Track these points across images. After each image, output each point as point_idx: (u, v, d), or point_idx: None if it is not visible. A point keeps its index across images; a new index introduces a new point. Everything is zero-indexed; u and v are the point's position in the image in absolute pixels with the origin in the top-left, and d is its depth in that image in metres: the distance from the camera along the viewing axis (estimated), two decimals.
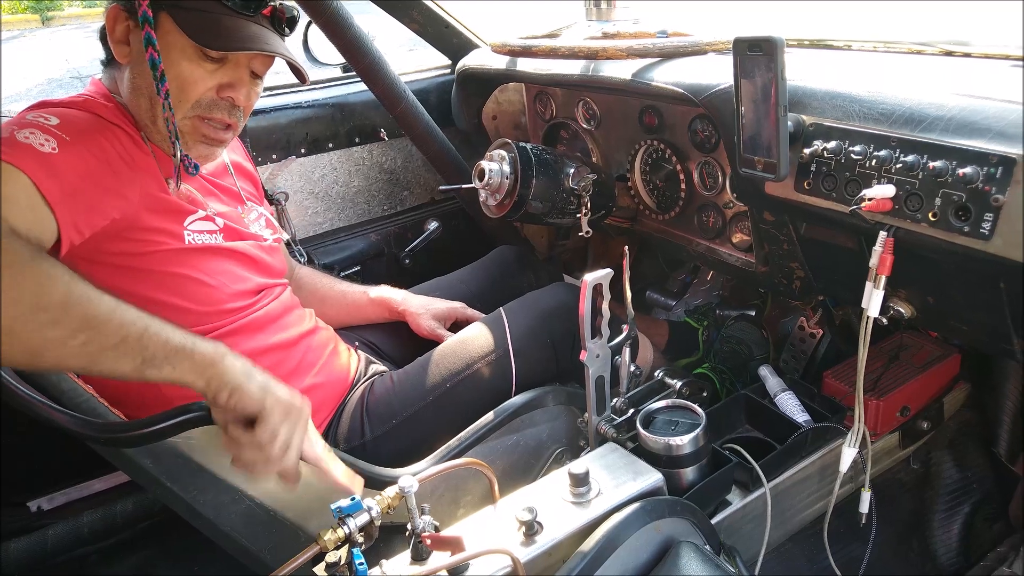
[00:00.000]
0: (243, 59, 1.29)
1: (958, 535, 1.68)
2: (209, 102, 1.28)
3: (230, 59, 1.27)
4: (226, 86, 1.28)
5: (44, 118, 1.11)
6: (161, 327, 0.99)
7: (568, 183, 1.71)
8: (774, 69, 1.15)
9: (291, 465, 1.09)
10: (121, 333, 0.95)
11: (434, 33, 2.19)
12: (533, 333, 1.58)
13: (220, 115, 1.30)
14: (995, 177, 0.98)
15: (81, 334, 0.91)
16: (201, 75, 1.25)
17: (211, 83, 1.27)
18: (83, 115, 1.20)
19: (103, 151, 1.15)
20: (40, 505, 1.72)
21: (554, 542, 1.00)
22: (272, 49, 1.27)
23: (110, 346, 0.94)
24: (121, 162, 1.18)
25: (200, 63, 1.24)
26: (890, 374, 1.60)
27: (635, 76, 1.55)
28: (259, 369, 1.09)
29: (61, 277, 0.91)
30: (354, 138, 2.22)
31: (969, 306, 1.22)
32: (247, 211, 1.50)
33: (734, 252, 1.72)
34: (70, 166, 1.07)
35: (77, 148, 1.10)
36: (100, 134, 1.17)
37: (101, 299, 0.94)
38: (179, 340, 1.00)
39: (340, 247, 2.24)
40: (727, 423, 1.57)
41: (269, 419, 1.05)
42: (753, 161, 1.26)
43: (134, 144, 1.24)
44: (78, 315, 0.91)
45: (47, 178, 1.02)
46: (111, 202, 1.15)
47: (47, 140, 1.06)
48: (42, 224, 1.03)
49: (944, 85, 1.14)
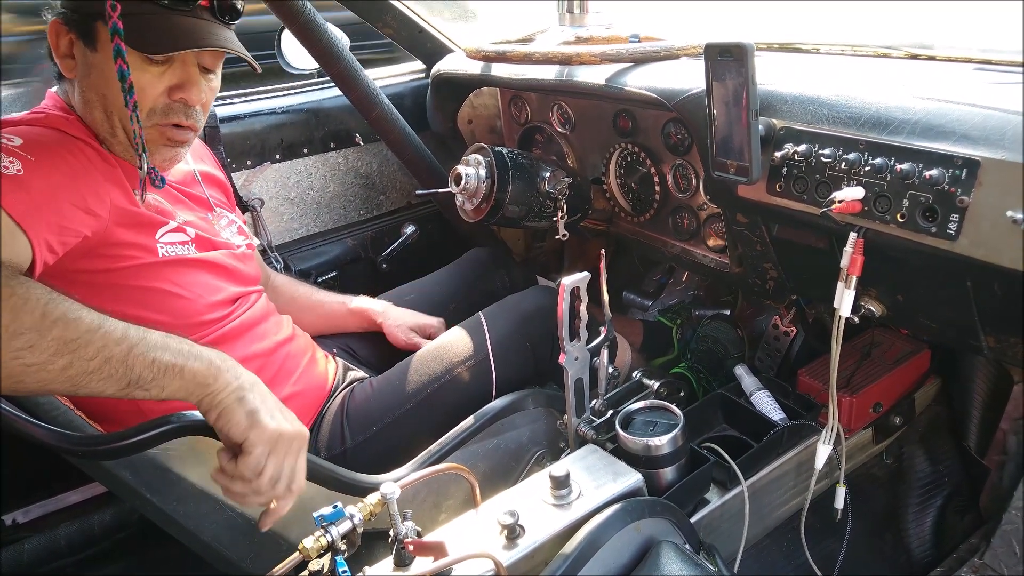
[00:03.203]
0: (189, 57, 1.25)
1: (931, 527, 1.71)
2: (164, 107, 1.25)
3: (176, 58, 1.23)
4: (176, 87, 1.25)
5: (7, 139, 1.09)
6: (150, 345, 0.97)
7: (544, 187, 1.72)
8: (745, 74, 1.17)
9: (280, 496, 1.07)
10: (104, 355, 0.93)
11: (408, 38, 2.18)
12: (512, 337, 1.59)
13: (178, 118, 1.27)
14: (960, 179, 1.01)
15: (60, 359, 0.90)
16: (149, 80, 1.21)
17: (160, 87, 1.23)
18: (46, 132, 1.18)
19: (70, 167, 1.14)
20: (15, 518, 1.70)
21: (536, 545, 1.01)
22: (214, 43, 1.23)
23: (92, 369, 0.92)
24: (88, 177, 1.16)
25: (145, 68, 1.21)
26: (862, 371, 1.63)
27: (609, 81, 1.57)
28: (259, 392, 1.05)
29: (37, 300, 0.89)
30: (329, 143, 2.21)
31: (937, 304, 1.25)
32: (217, 217, 1.48)
33: (708, 253, 1.74)
34: (37, 186, 1.06)
35: (43, 167, 1.08)
36: (66, 150, 1.15)
37: (80, 320, 0.92)
38: (168, 359, 0.98)
39: (316, 253, 2.23)
40: (704, 422, 1.58)
41: (252, 451, 1.02)
42: (726, 164, 1.28)
43: (100, 157, 1.22)
44: (55, 339, 0.89)
45: (15, 200, 1.01)
46: (82, 219, 1.13)
47: (12, 162, 1.04)
48: (14, 246, 1.01)
49: (909, 88, 1.16)
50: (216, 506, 1.25)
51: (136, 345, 0.95)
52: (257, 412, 1.03)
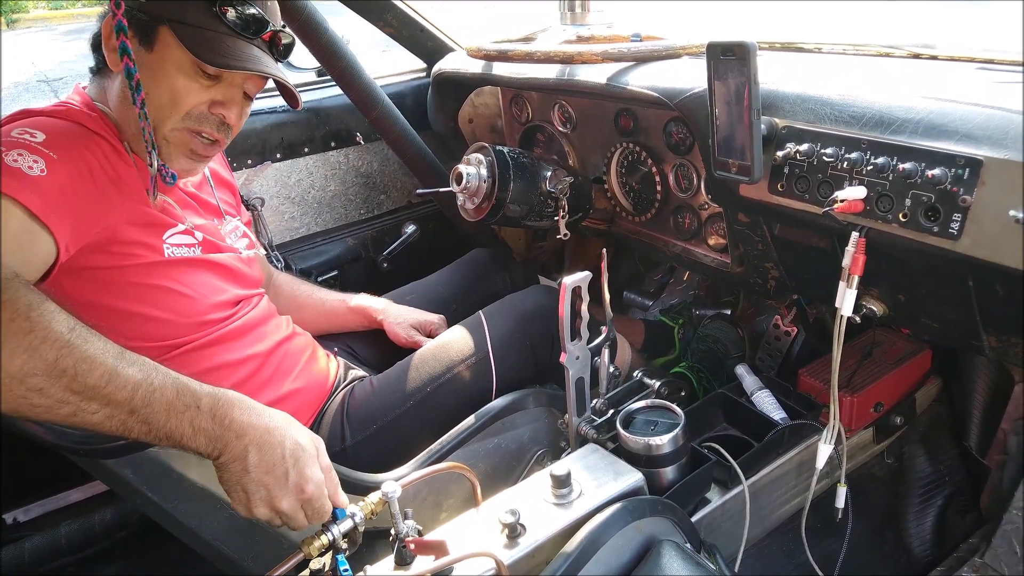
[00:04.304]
0: (237, 79, 1.29)
1: (931, 527, 1.71)
2: (200, 115, 1.28)
3: (225, 77, 1.27)
4: (218, 103, 1.28)
5: (30, 134, 1.10)
6: (156, 409, 0.93)
7: (545, 186, 1.72)
8: (747, 73, 1.17)
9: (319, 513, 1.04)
10: (106, 412, 0.90)
11: (409, 37, 2.18)
12: (512, 336, 1.59)
13: (209, 129, 1.30)
14: (962, 178, 1.01)
15: (65, 406, 0.88)
16: (196, 89, 1.25)
17: (204, 97, 1.27)
18: (68, 126, 1.19)
19: (88, 165, 1.15)
20: (16, 517, 1.70)
21: (537, 544, 1.01)
22: (268, 71, 1.28)
23: (95, 422, 0.90)
24: (104, 176, 1.18)
25: (196, 78, 1.25)
26: (864, 371, 1.63)
27: (610, 80, 1.57)
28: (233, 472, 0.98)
29: (55, 340, 0.87)
30: (330, 142, 2.21)
31: (939, 303, 1.25)
32: (224, 224, 1.50)
33: (710, 253, 1.74)
34: (60, 186, 1.07)
35: (65, 165, 1.10)
36: (85, 147, 1.17)
37: (91, 371, 0.89)
38: (171, 428, 0.94)
39: (317, 252, 2.23)
40: (705, 422, 1.58)
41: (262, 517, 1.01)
42: (727, 164, 1.28)
43: (117, 156, 1.23)
44: (64, 387, 0.87)
45: (40, 203, 1.03)
46: (96, 217, 1.15)
47: (35, 162, 1.06)
48: (40, 249, 1.03)
49: (912, 88, 1.16)
50: (217, 505, 1.25)
51: (137, 412, 0.92)
52: (231, 495, 1.00)
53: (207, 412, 0.96)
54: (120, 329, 1.25)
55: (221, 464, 0.98)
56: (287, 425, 1.03)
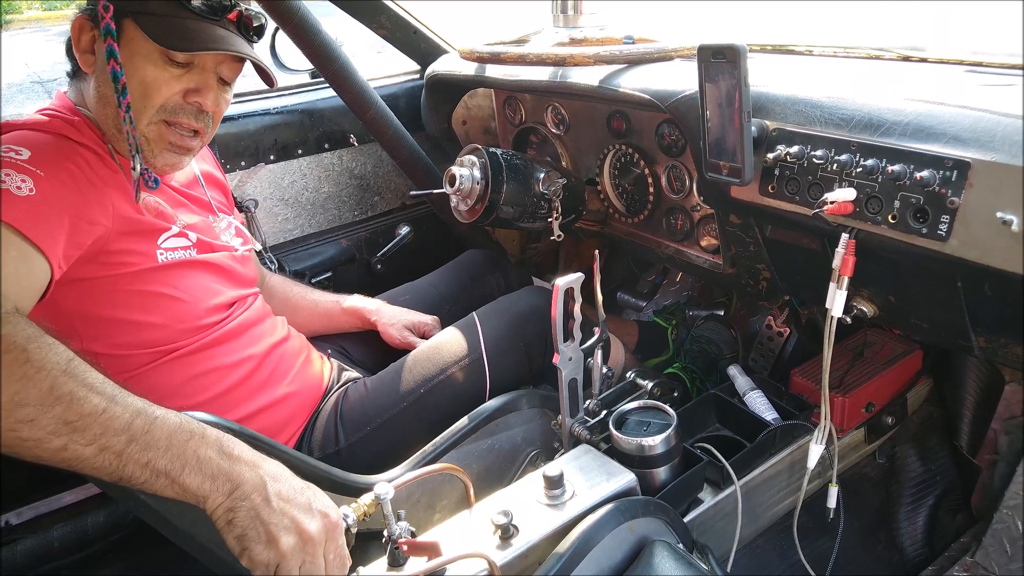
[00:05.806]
0: (210, 63, 1.28)
1: (923, 526, 1.72)
2: (175, 106, 1.26)
3: (196, 63, 1.26)
4: (192, 91, 1.27)
5: (15, 152, 1.09)
6: (150, 443, 0.88)
7: (539, 188, 1.73)
8: (738, 76, 1.17)
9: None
10: (100, 443, 0.86)
11: (402, 39, 2.18)
12: (506, 337, 1.59)
13: (186, 119, 1.28)
14: (951, 180, 1.01)
15: (57, 439, 0.84)
16: (166, 79, 1.24)
17: (177, 88, 1.25)
18: (52, 140, 1.18)
19: (75, 180, 1.15)
20: (8, 519, 1.69)
21: (530, 544, 1.01)
22: (235, 49, 1.26)
23: (87, 456, 0.86)
24: (92, 188, 1.17)
25: (165, 67, 1.23)
26: (855, 371, 1.64)
27: (603, 82, 1.58)
28: (247, 508, 0.91)
29: (50, 370, 0.85)
30: (323, 144, 2.21)
31: (929, 304, 1.26)
32: (218, 221, 1.50)
33: (702, 254, 1.75)
34: (49, 204, 1.07)
35: (52, 183, 1.09)
36: (71, 161, 1.16)
37: (86, 401, 0.86)
38: (163, 466, 0.88)
39: (311, 253, 2.23)
40: (698, 422, 1.59)
41: (257, 570, 0.93)
42: (719, 166, 1.28)
43: (102, 163, 1.23)
44: (56, 417, 0.84)
45: (30, 224, 1.02)
46: (88, 230, 1.15)
47: (23, 181, 1.05)
48: (35, 271, 1.02)
49: (901, 90, 1.17)
50: None
51: (136, 440, 0.88)
52: (245, 537, 0.91)
53: (213, 442, 0.92)
54: (114, 337, 1.26)
55: (234, 500, 0.91)
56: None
